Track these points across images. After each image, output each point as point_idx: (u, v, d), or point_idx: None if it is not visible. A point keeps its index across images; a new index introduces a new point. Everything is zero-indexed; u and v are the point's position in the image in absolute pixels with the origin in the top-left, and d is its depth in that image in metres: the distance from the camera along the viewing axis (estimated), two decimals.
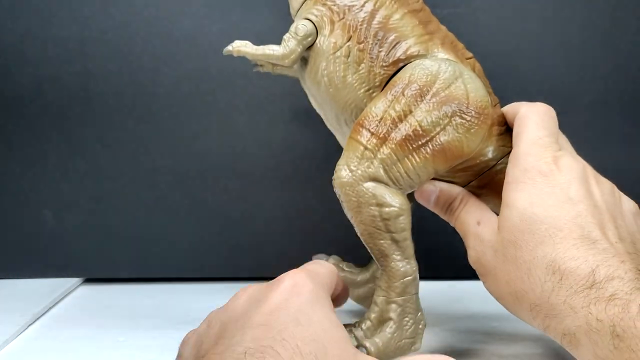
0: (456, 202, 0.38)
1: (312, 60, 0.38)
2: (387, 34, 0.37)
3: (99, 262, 0.57)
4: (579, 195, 0.33)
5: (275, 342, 0.28)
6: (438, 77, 0.36)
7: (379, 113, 0.35)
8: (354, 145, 0.36)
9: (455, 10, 0.53)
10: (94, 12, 0.53)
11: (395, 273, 0.35)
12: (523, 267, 0.32)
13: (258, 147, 0.55)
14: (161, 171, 0.56)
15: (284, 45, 0.38)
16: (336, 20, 0.37)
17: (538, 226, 0.32)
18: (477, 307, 0.49)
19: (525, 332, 0.44)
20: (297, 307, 0.30)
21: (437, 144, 0.35)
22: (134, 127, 0.55)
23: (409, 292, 0.36)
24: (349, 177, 0.35)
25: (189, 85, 0.54)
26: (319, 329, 0.29)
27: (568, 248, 0.31)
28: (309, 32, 0.37)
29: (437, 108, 0.35)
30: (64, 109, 0.55)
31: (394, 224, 0.35)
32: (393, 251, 0.35)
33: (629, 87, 0.53)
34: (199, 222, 0.56)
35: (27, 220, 0.56)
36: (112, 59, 0.54)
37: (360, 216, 0.35)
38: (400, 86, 0.36)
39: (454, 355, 0.40)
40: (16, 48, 0.54)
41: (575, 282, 0.30)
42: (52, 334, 0.46)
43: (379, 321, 0.36)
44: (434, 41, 0.37)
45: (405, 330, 0.36)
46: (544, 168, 0.34)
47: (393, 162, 0.35)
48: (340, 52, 0.37)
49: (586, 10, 0.53)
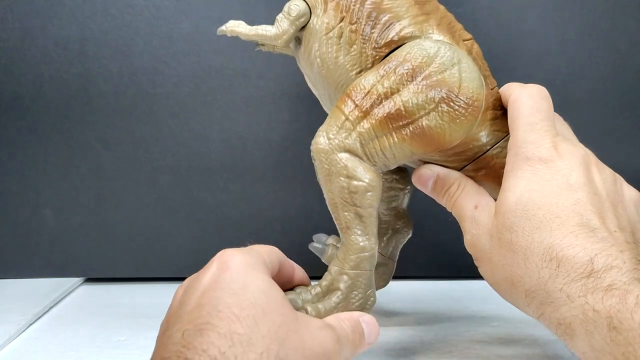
0: (454, 187, 0.37)
1: (306, 41, 0.38)
2: (380, 15, 0.36)
3: (99, 262, 0.57)
4: (579, 182, 0.32)
5: (211, 316, 0.28)
6: (434, 60, 0.35)
7: (367, 86, 0.35)
8: (337, 114, 0.35)
9: (455, 10, 0.53)
10: (94, 12, 0.53)
11: (353, 246, 0.35)
12: (519, 252, 0.32)
13: (258, 147, 0.55)
14: (161, 171, 0.56)
15: (276, 26, 0.37)
16: (329, 0, 0.37)
17: (535, 212, 0.32)
18: (477, 307, 0.49)
19: (525, 332, 0.44)
20: (229, 279, 0.30)
21: (418, 127, 0.34)
22: (134, 127, 0.55)
23: (362, 267, 0.35)
24: (326, 144, 0.35)
25: (189, 85, 0.54)
26: (255, 292, 0.29)
27: (566, 235, 0.31)
28: (302, 12, 0.37)
29: (425, 91, 0.34)
30: (64, 109, 0.55)
31: (361, 198, 0.34)
32: (355, 225, 0.35)
33: (629, 87, 0.53)
34: (199, 222, 0.56)
35: (28, 220, 0.56)
36: (113, 59, 0.54)
37: (330, 185, 0.35)
38: (393, 63, 0.35)
39: (454, 355, 0.40)
40: (17, 48, 0.54)
41: (573, 270, 0.30)
42: (53, 333, 0.46)
43: (328, 289, 0.36)
44: (429, 22, 0.36)
45: (351, 304, 0.35)
46: (544, 154, 0.33)
47: (371, 138, 0.35)
48: (333, 32, 0.36)
49: (586, 10, 0.53)
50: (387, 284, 0.44)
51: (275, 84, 0.54)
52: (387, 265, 0.44)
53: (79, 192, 0.56)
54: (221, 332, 0.27)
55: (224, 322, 0.28)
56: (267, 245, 0.35)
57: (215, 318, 0.28)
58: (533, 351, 0.41)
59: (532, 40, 0.53)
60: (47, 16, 0.53)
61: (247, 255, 0.31)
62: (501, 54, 0.53)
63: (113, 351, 0.42)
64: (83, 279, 0.58)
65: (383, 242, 0.43)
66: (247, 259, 0.31)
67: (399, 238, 0.44)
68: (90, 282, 0.58)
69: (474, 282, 0.55)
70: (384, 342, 0.42)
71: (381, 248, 0.43)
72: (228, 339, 0.27)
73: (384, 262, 0.44)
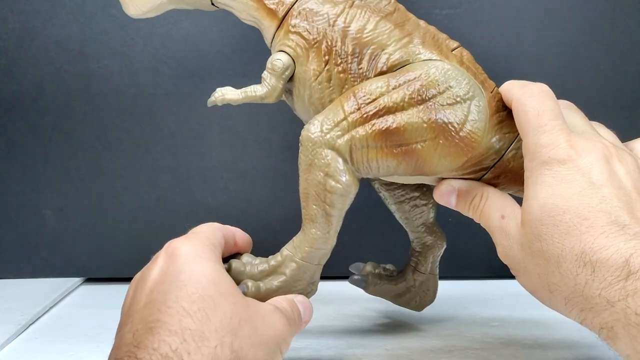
0: (477, 199, 0.36)
1: (296, 91, 0.38)
2: (364, 49, 0.36)
3: (99, 262, 0.57)
4: (602, 179, 0.31)
5: (161, 313, 0.28)
6: (449, 89, 0.34)
7: (375, 93, 0.34)
8: (337, 109, 0.35)
9: (455, 10, 0.53)
10: (94, 12, 0.53)
11: (310, 238, 0.35)
12: (552, 260, 0.31)
13: (258, 147, 0.55)
14: (161, 171, 0.56)
15: (264, 84, 0.37)
16: (310, 47, 0.36)
17: (561, 217, 0.31)
18: (477, 307, 0.50)
19: (525, 332, 0.44)
20: (176, 271, 0.30)
21: (411, 149, 0.34)
22: (134, 127, 0.55)
23: (312, 261, 0.35)
24: (317, 135, 0.34)
25: (189, 85, 0.54)
26: (204, 283, 0.29)
27: (597, 237, 0.30)
28: (286, 65, 0.37)
29: (429, 121, 0.34)
30: (64, 109, 0.55)
31: (334, 198, 0.34)
32: (320, 220, 0.35)
33: (629, 87, 0.54)
34: (199, 222, 0.56)
35: (28, 220, 0.56)
36: (113, 59, 0.54)
37: (307, 175, 0.34)
38: (406, 77, 0.34)
39: (454, 355, 0.40)
40: (17, 48, 0.54)
41: (609, 273, 0.29)
42: (53, 333, 0.46)
43: (274, 269, 0.36)
44: (413, 42, 0.36)
45: (291, 291, 0.36)
46: (561, 155, 0.32)
47: (362, 145, 0.34)
48: (321, 77, 0.36)
49: (585, 11, 0.53)
50: (434, 299, 0.45)
51: None
52: (429, 282, 0.44)
53: (79, 192, 0.56)
54: (172, 329, 0.27)
55: (174, 318, 0.28)
56: (207, 224, 0.35)
57: (165, 314, 0.28)
58: (533, 351, 0.41)
59: (532, 40, 0.53)
60: (47, 16, 0.54)
61: (193, 243, 0.31)
62: (501, 54, 0.53)
63: None
64: (83, 279, 0.58)
65: (421, 260, 0.43)
66: (194, 247, 0.31)
67: (434, 252, 0.44)
68: (90, 282, 0.58)
69: (474, 282, 0.55)
70: (384, 342, 0.42)
71: (421, 267, 0.43)
72: (179, 335, 0.27)
73: (426, 279, 0.44)
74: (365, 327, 0.46)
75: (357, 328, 0.45)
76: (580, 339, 0.43)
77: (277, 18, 0.37)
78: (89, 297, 0.54)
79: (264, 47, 0.55)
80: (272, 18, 0.38)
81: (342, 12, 0.36)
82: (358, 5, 0.36)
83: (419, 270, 0.43)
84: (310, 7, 0.37)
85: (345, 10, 0.36)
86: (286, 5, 0.37)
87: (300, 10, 0.37)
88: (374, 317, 0.48)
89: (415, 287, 0.44)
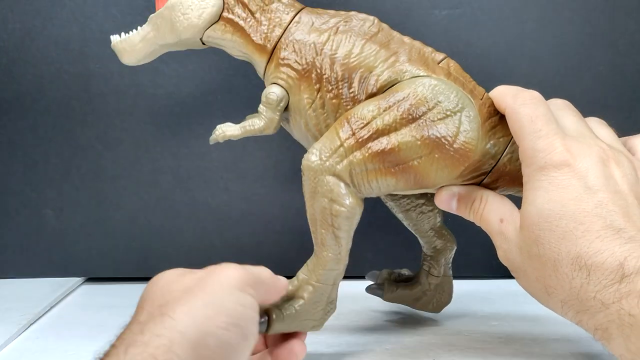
0: (477, 202, 0.37)
1: (293, 120, 0.39)
2: (352, 73, 0.37)
3: (100, 262, 0.57)
4: (598, 183, 0.32)
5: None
6: (438, 104, 0.35)
7: (367, 117, 0.35)
8: (333, 137, 0.36)
9: (455, 10, 0.53)
10: (95, 12, 0.53)
11: (323, 262, 0.36)
12: (549, 264, 0.32)
13: (258, 147, 0.55)
14: (161, 171, 0.56)
15: (261, 117, 0.39)
16: (301, 77, 0.38)
17: (557, 222, 0.31)
18: (477, 306, 0.50)
19: (525, 332, 0.44)
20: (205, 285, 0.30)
21: (408, 167, 0.35)
22: (134, 127, 0.55)
23: (327, 282, 0.37)
24: (317, 164, 0.35)
25: (189, 85, 0.54)
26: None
27: (592, 241, 0.30)
28: (280, 96, 0.38)
29: (422, 138, 0.35)
30: (65, 109, 0.55)
31: (340, 221, 0.36)
32: (330, 243, 0.36)
33: (629, 87, 0.54)
34: (199, 222, 0.56)
35: (29, 219, 0.56)
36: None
37: (313, 202, 0.36)
38: (396, 98, 0.36)
39: (454, 355, 0.40)
40: (17, 48, 0.54)
41: (603, 276, 0.30)
42: (53, 333, 0.46)
43: (292, 294, 0.37)
44: (399, 61, 0.37)
45: (311, 313, 0.37)
46: (557, 159, 0.32)
47: (361, 169, 0.35)
48: (315, 105, 0.37)
49: (585, 11, 0.53)
50: (451, 299, 0.45)
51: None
52: (444, 284, 0.45)
53: (79, 192, 0.56)
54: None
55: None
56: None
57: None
58: (532, 350, 0.41)
59: (532, 40, 0.53)
60: (47, 16, 0.54)
61: (238, 270, 0.31)
62: (501, 54, 0.53)
63: None
64: (83, 279, 0.58)
65: (434, 264, 0.44)
66: (237, 272, 0.31)
67: (446, 255, 0.44)
68: (90, 282, 0.58)
69: (474, 281, 0.55)
70: (385, 342, 0.42)
71: (434, 270, 0.44)
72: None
73: (441, 281, 0.44)
74: (365, 326, 0.46)
75: (357, 327, 0.45)
76: (579, 337, 0.43)
77: (266, 52, 0.39)
78: (89, 297, 0.54)
79: None
80: (261, 53, 0.39)
81: (328, 39, 0.37)
82: (343, 31, 0.38)
83: (433, 274, 0.44)
84: (297, 38, 0.38)
85: (330, 38, 0.37)
86: (273, 39, 0.38)
87: (287, 42, 0.38)
88: (374, 316, 0.48)
89: (431, 290, 0.44)
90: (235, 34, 0.39)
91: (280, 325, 0.36)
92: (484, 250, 0.55)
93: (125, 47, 0.41)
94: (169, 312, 0.28)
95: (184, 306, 0.28)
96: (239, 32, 0.39)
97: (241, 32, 0.39)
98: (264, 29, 0.39)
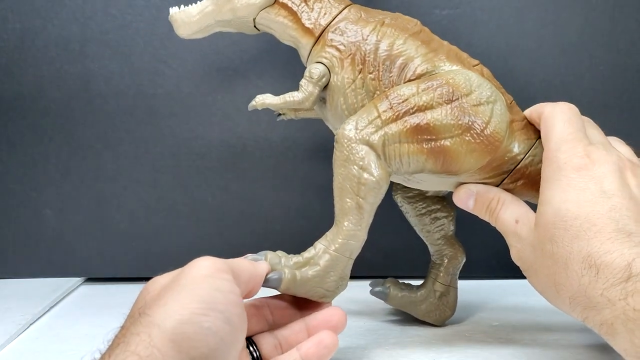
0: (493, 203, 0.38)
1: (330, 98, 0.41)
2: (394, 60, 0.39)
3: (99, 262, 0.57)
4: (613, 189, 0.33)
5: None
6: (474, 92, 0.37)
7: (406, 95, 0.37)
8: (370, 109, 0.38)
9: (455, 10, 0.53)
10: (95, 12, 0.53)
11: (344, 231, 0.37)
12: (560, 261, 0.33)
13: (258, 147, 0.55)
14: (161, 171, 0.56)
15: (302, 90, 0.40)
16: (345, 58, 0.40)
17: (572, 222, 0.33)
18: (477, 307, 0.50)
19: (524, 332, 0.44)
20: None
21: (439, 145, 0.37)
22: (134, 127, 0.55)
23: (344, 253, 0.37)
24: (352, 132, 0.37)
25: (189, 85, 0.54)
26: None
27: (603, 242, 0.32)
28: (322, 73, 0.40)
29: (456, 117, 0.37)
30: (65, 109, 0.55)
31: (367, 191, 0.36)
32: (353, 213, 0.37)
33: (629, 87, 0.54)
34: (199, 222, 0.56)
35: (28, 219, 0.56)
36: (113, 59, 0.54)
37: (343, 169, 0.37)
38: (435, 82, 0.38)
39: (454, 355, 0.40)
40: (17, 48, 0.54)
41: (611, 275, 0.31)
42: (53, 333, 0.46)
43: (307, 261, 0.37)
44: (438, 56, 0.39)
45: (325, 282, 0.37)
46: (577, 162, 0.34)
47: (394, 141, 0.37)
48: (355, 84, 0.39)
49: (586, 11, 0.53)
50: (454, 312, 0.45)
51: (275, 84, 0.54)
52: (449, 294, 0.45)
53: (79, 192, 0.56)
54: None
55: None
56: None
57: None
58: (532, 351, 0.41)
59: (532, 40, 0.53)
60: (47, 16, 0.54)
61: (214, 260, 0.32)
62: (501, 54, 0.53)
63: None
64: (83, 279, 0.58)
65: (441, 272, 0.45)
66: (212, 262, 0.32)
67: (455, 265, 0.45)
68: (90, 282, 0.58)
69: (474, 281, 0.55)
70: (385, 342, 0.42)
71: (441, 278, 0.45)
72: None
73: (446, 291, 0.45)
74: (365, 326, 0.46)
75: (357, 328, 0.45)
76: (579, 339, 0.43)
77: (313, 36, 0.41)
78: (89, 297, 0.54)
79: (263, 48, 0.55)
80: (309, 36, 0.41)
81: (375, 29, 0.40)
82: (388, 24, 0.40)
83: (439, 281, 0.45)
84: (345, 25, 0.40)
85: (377, 28, 0.40)
86: (322, 25, 0.41)
87: (336, 27, 0.41)
88: (374, 316, 0.48)
89: (435, 298, 0.45)
90: (288, 17, 0.42)
91: (291, 285, 0.37)
92: (484, 251, 0.55)
93: (182, 18, 0.43)
94: (146, 311, 0.29)
95: (159, 302, 0.29)
96: (292, 15, 0.42)
97: (293, 16, 0.42)
98: (314, 15, 0.41)
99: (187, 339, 0.28)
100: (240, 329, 0.31)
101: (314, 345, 0.36)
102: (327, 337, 0.36)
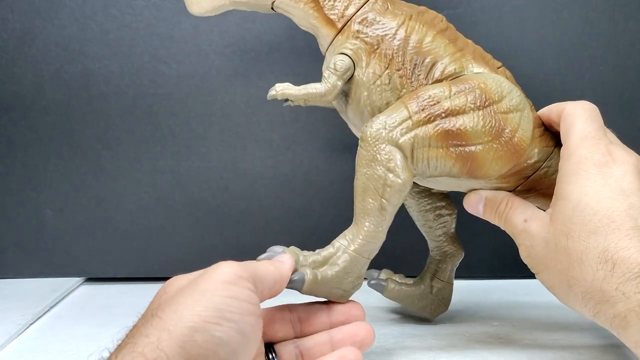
0: (502, 205, 0.39)
1: (353, 92, 0.39)
2: (422, 58, 0.38)
3: (99, 262, 0.57)
4: (632, 187, 0.34)
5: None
6: (505, 98, 0.37)
7: (438, 97, 0.37)
8: (400, 109, 0.37)
9: (455, 10, 0.53)
10: (95, 12, 0.53)
11: (365, 231, 0.36)
12: (574, 256, 0.33)
13: (258, 147, 0.55)
14: (161, 171, 0.56)
15: (325, 82, 0.39)
16: (371, 51, 0.39)
17: (591, 217, 0.33)
18: (477, 307, 0.50)
19: (524, 332, 0.44)
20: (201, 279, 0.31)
21: (467, 151, 0.37)
22: (134, 127, 0.55)
23: (363, 254, 0.37)
24: (381, 131, 0.36)
25: (189, 85, 0.54)
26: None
27: (621, 238, 0.32)
28: (347, 66, 0.39)
29: (488, 124, 0.36)
30: (65, 109, 0.55)
31: (392, 193, 0.36)
32: (375, 214, 0.36)
33: (629, 87, 0.53)
34: (199, 222, 0.56)
35: (28, 219, 0.56)
36: (113, 59, 0.54)
37: (368, 169, 0.36)
38: (468, 86, 0.37)
39: (454, 355, 0.40)
40: (17, 48, 0.54)
41: (627, 270, 0.32)
42: (53, 333, 0.46)
43: (326, 260, 0.37)
44: (466, 57, 0.39)
45: (343, 282, 0.37)
46: (599, 159, 0.35)
47: (424, 144, 0.36)
48: (381, 80, 0.38)
49: (586, 11, 0.53)
50: (448, 307, 0.46)
51: (274, 84, 0.54)
52: (446, 290, 0.45)
53: (79, 192, 0.56)
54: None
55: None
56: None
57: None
58: (532, 351, 0.41)
59: (532, 40, 0.53)
60: (47, 16, 0.54)
61: (236, 266, 0.31)
62: (501, 54, 0.53)
63: None
64: (83, 279, 0.58)
65: (440, 268, 0.45)
66: (235, 268, 0.31)
67: (454, 261, 0.45)
68: (90, 282, 0.58)
69: (474, 282, 0.55)
70: (385, 342, 0.42)
71: (440, 274, 0.45)
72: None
73: (443, 286, 0.45)
74: None
75: None
76: (579, 339, 0.43)
77: (335, 28, 0.40)
78: (89, 297, 0.54)
79: (263, 48, 0.55)
80: (330, 27, 0.40)
81: (403, 23, 0.39)
82: (416, 19, 0.39)
83: (438, 277, 0.45)
84: (372, 16, 0.39)
85: (405, 22, 0.39)
86: (346, 16, 0.40)
87: (362, 18, 0.39)
88: (374, 316, 0.48)
89: (432, 293, 0.45)
90: (309, 4, 0.40)
91: (313, 287, 0.36)
92: (484, 251, 0.55)
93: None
94: (158, 313, 0.28)
95: (172, 305, 0.29)
96: (313, 2, 0.40)
97: (315, 3, 0.40)
98: (338, 5, 0.40)
99: (196, 347, 0.27)
100: (253, 339, 0.30)
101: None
102: (350, 355, 0.35)
